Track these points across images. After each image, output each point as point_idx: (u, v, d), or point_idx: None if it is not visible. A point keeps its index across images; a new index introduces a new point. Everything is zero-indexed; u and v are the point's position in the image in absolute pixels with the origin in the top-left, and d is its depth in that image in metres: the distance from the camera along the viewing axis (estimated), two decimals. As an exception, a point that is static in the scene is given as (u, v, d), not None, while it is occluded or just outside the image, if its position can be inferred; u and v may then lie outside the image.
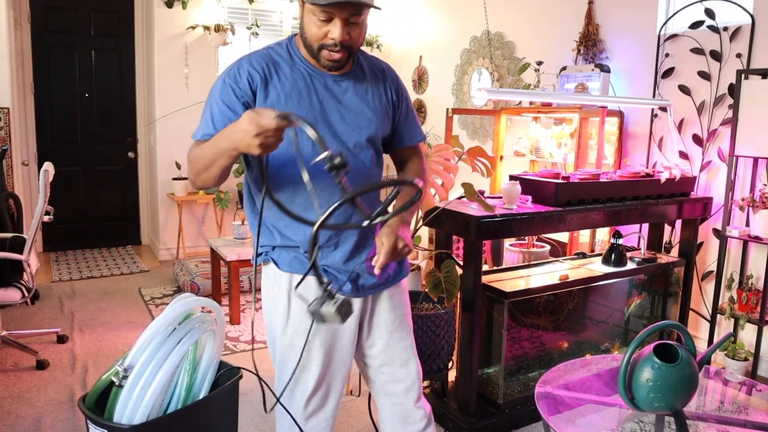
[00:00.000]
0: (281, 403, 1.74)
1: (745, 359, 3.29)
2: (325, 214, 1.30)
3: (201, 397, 1.78)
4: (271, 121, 1.31)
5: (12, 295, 3.21)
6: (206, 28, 5.57)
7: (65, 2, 5.69)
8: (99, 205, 6.12)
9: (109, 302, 4.46)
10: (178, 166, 5.64)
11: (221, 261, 4.24)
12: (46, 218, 3.42)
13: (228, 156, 1.42)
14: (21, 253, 3.21)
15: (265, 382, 1.73)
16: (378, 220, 1.41)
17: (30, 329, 3.81)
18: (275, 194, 1.56)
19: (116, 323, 4.04)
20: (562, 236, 3.94)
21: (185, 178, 5.61)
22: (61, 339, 3.68)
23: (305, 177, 1.33)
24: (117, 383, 1.67)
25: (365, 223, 1.39)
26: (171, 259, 5.74)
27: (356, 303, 1.70)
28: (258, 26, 5.87)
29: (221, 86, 1.57)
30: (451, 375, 2.87)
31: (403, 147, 1.82)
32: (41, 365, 3.30)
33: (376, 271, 1.58)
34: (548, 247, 3.82)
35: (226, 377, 1.86)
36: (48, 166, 3.22)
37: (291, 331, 1.68)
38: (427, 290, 2.53)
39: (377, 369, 1.81)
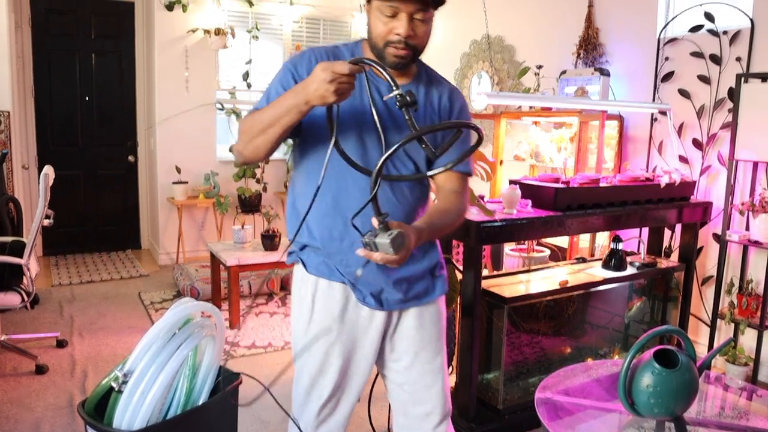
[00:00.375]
0: (293, 419, 1.75)
1: (746, 364, 3.28)
2: (392, 150, 1.29)
3: (200, 402, 1.77)
4: (345, 66, 1.33)
5: (12, 299, 3.21)
6: (206, 31, 5.58)
7: (66, 5, 5.70)
8: (99, 208, 6.11)
9: (109, 307, 4.46)
10: (178, 170, 5.64)
11: (221, 266, 4.24)
12: (46, 222, 3.42)
13: (296, 112, 1.41)
14: (21, 257, 3.21)
15: (268, 388, 1.73)
16: (438, 170, 1.47)
17: (29, 333, 3.81)
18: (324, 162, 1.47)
19: (116, 328, 4.03)
20: (562, 241, 3.94)
21: (185, 182, 5.61)
22: (61, 343, 3.68)
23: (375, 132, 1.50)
24: (116, 388, 1.67)
25: (428, 173, 1.49)
26: (171, 264, 5.74)
27: (379, 317, 1.66)
28: (258, 30, 5.88)
29: (282, 71, 1.60)
30: (451, 380, 2.86)
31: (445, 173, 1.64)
32: (40, 370, 3.30)
33: (358, 252, 1.38)
34: (548, 252, 3.81)
35: (226, 383, 1.85)
36: (48, 169, 3.22)
37: (312, 335, 1.67)
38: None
39: (399, 386, 1.76)
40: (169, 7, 5.47)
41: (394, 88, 1.32)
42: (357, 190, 1.56)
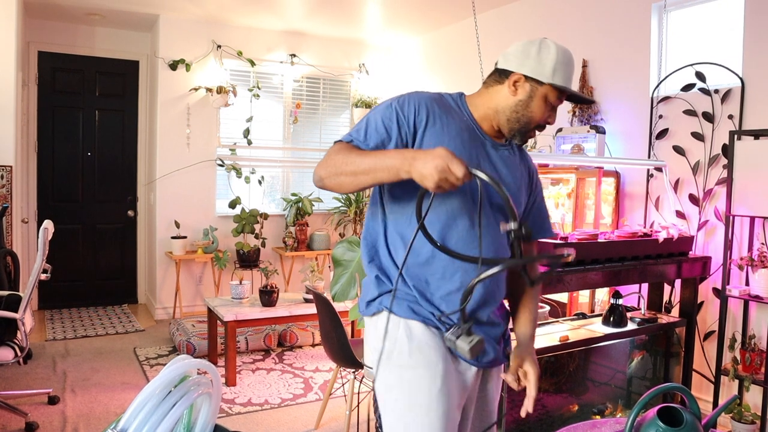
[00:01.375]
0: None
1: (752, 422, 3.21)
2: (489, 273, 1.38)
3: (194, 462, 1.73)
4: (462, 168, 1.32)
5: (4, 354, 3.16)
6: (209, 89, 5.70)
7: (72, 64, 5.83)
8: (97, 263, 6.10)
9: (103, 362, 4.39)
10: (177, 225, 5.66)
11: (218, 321, 4.20)
12: (43, 276, 3.40)
13: (392, 174, 1.39)
14: (16, 311, 3.18)
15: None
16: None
17: (21, 389, 3.74)
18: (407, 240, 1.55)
19: (109, 384, 3.96)
20: (562, 297, 3.92)
21: (184, 237, 5.62)
22: (53, 400, 3.60)
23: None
24: (109, 448, 1.63)
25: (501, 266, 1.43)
26: (167, 319, 5.68)
27: (473, 371, 1.64)
28: (259, 88, 6.01)
29: (386, 107, 1.56)
30: None
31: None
32: (30, 428, 3.22)
33: (529, 409, 1.62)
34: (548, 308, 3.79)
35: (221, 441, 1.81)
36: (48, 224, 3.23)
37: (412, 367, 1.54)
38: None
39: None
40: (173, 67, 5.60)
41: (513, 221, 1.38)
42: (461, 238, 1.56)
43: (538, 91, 1.57)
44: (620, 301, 3.04)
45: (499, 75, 1.62)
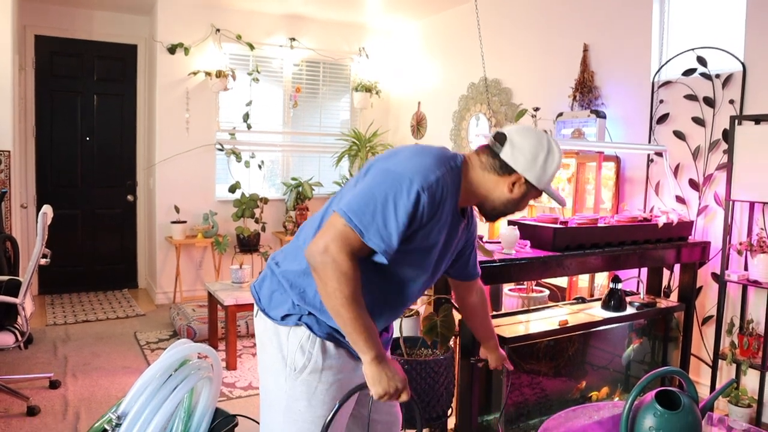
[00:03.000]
0: None
1: (749, 406, 3.24)
2: None
3: (195, 445, 1.74)
4: (405, 399, 1.51)
5: (5, 339, 3.18)
6: (208, 73, 5.67)
7: (70, 48, 5.80)
8: (96, 248, 6.10)
9: (104, 347, 4.41)
10: (177, 210, 5.65)
11: (218, 305, 4.21)
12: (43, 261, 3.41)
13: (355, 348, 1.49)
14: (16, 296, 3.19)
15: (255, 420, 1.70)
16: None
17: (22, 374, 3.76)
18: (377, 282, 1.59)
19: (110, 368, 3.98)
20: (561, 281, 3.93)
21: (184, 222, 5.62)
22: (54, 384, 3.62)
23: None
24: (110, 431, 1.64)
25: None
26: (168, 303, 5.70)
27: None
28: (259, 72, 5.97)
29: (415, 198, 1.44)
30: (451, 422, 2.81)
31: (467, 281, 1.94)
32: (32, 412, 3.24)
33: (510, 366, 2.16)
34: (547, 292, 3.80)
35: (223, 425, 1.83)
36: (47, 209, 3.23)
37: (323, 386, 1.61)
38: (422, 334, 2.50)
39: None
40: (171, 51, 5.57)
41: None
42: (404, 295, 1.66)
43: (530, 193, 1.64)
44: (619, 286, 3.05)
45: (501, 167, 1.59)
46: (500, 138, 1.61)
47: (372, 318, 1.51)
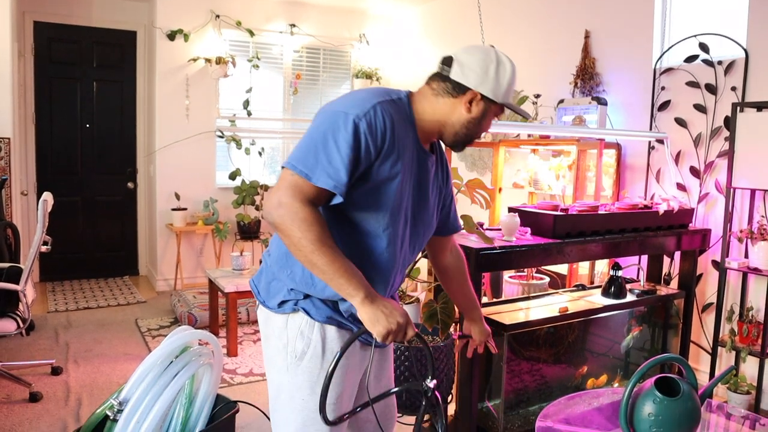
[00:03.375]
0: None
1: (748, 393, 3.25)
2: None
3: (197, 431, 1.75)
4: (411, 335, 1.44)
5: (7, 325, 3.19)
6: (207, 60, 5.64)
7: (69, 35, 5.76)
8: (97, 235, 6.11)
9: (105, 333, 4.42)
10: (177, 197, 5.65)
11: (219, 292, 4.22)
12: (43, 248, 3.41)
13: (341, 294, 1.43)
14: (18, 283, 3.20)
15: (267, 415, 1.71)
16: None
17: (24, 360, 3.77)
18: (350, 234, 1.54)
19: (112, 355, 4.00)
20: (562, 268, 3.93)
21: (184, 209, 5.62)
22: (56, 371, 3.64)
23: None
24: (111, 417, 1.65)
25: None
26: (168, 290, 5.71)
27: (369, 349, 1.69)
28: (259, 58, 5.94)
29: (353, 131, 1.41)
30: (451, 408, 2.83)
31: (443, 235, 1.84)
32: (34, 398, 3.26)
33: (494, 350, 2.03)
34: (547, 279, 3.80)
35: (223, 411, 1.83)
36: (47, 196, 3.23)
37: (324, 377, 1.56)
38: (422, 321, 2.51)
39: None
40: (171, 37, 5.54)
41: (430, 383, 1.53)
42: (389, 253, 1.57)
43: (490, 110, 1.58)
44: (620, 273, 3.05)
45: (453, 88, 1.56)
46: (447, 60, 1.58)
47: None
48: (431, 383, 1.49)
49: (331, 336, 1.57)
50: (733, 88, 3.47)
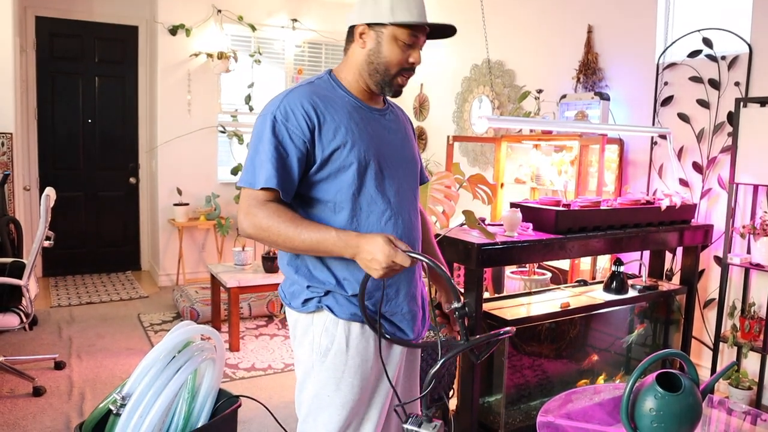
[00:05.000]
0: None
1: (749, 388, 3.25)
2: (446, 357, 1.35)
3: (199, 425, 1.76)
4: (407, 261, 1.37)
5: (10, 320, 3.20)
6: (209, 55, 5.63)
7: (70, 30, 5.76)
8: (99, 230, 6.12)
9: (108, 328, 4.44)
10: (180, 192, 5.65)
11: (221, 287, 4.23)
12: (46, 243, 3.42)
13: (334, 254, 1.44)
14: (20, 278, 3.20)
15: (270, 410, 1.71)
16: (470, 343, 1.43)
17: (27, 355, 3.79)
18: (335, 209, 1.55)
19: (115, 350, 4.01)
20: (564, 263, 3.93)
21: (186, 204, 5.62)
22: (59, 365, 3.65)
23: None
24: (115, 411, 1.66)
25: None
26: (171, 285, 5.72)
27: (399, 350, 1.68)
28: (261, 54, 5.94)
29: (270, 129, 1.48)
30: (452, 403, 2.84)
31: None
32: (38, 392, 3.27)
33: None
34: (549, 275, 3.80)
35: (226, 405, 1.84)
36: (49, 191, 3.23)
37: (349, 379, 1.57)
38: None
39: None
40: (173, 32, 5.53)
41: (456, 302, 1.39)
42: (403, 236, 1.59)
43: (384, 35, 1.54)
44: (621, 269, 3.05)
45: (349, 35, 1.60)
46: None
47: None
48: (456, 304, 1.41)
49: (355, 333, 1.57)
50: (737, 84, 3.46)
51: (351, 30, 1.59)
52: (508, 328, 1.44)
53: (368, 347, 1.58)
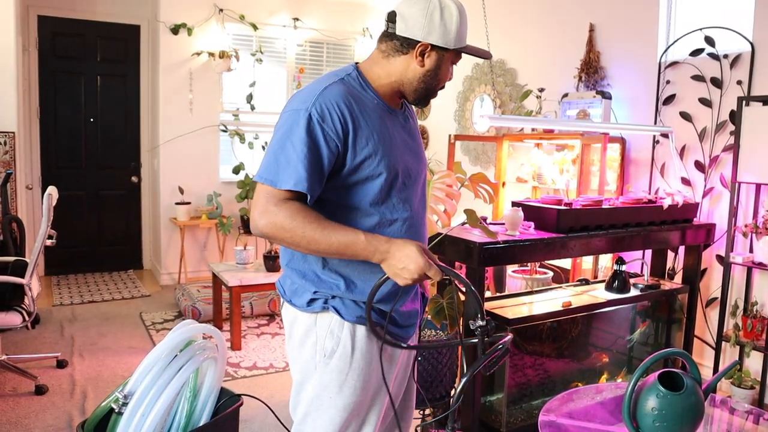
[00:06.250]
0: None
1: (752, 387, 3.25)
2: (465, 379, 1.43)
3: (201, 424, 1.76)
4: (438, 275, 1.39)
5: (12, 319, 3.20)
6: (211, 54, 5.63)
7: (72, 29, 5.76)
8: (101, 229, 6.12)
9: (110, 327, 4.44)
10: (181, 191, 5.66)
11: (223, 286, 4.23)
12: (48, 242, 3.42)
13: (360, 258, 1.44)
14: (23, 276, 3.21)
15: (272, 409, 1.72)
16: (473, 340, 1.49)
17: (30, 354, 3.79)
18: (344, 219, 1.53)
19: (116, 348, 4.02)
20: (565, 263, 3.93)
21: (188, 203, 5.63)
22: (61, 364, 3.66)
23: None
24: (117, 410, 1.66)
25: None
26: (172, 284, 5.73)
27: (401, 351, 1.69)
28: (262, 53, 5.94)
29: (305, 128, 1.42)
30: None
31: None
32: (40, 390, 3.28)
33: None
34: (551, 274, 3.80)
35: (227, 404, 1.84)
36: (52, 190, 3.24)
37: (353, 381, 1.56)
38: (429, 317, 2.52)
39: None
40: (175, 31, 5.53)
41: (481, 320, 1.44)
42: (417, 223, 1.62)
43: (444, 57, 1.55)
44: (623, 268, 3.05)
45: (402, 44, 1.53)
46: (391, 16, 1.54)
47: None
48: (480, 322, 1.45)
49: (361, 336, 1.55)
50: (739, 82, 3.46)
51: (404, 39, 1.52)
52: (507, 338, 1.46)
53: (373, 350, 1.57)
